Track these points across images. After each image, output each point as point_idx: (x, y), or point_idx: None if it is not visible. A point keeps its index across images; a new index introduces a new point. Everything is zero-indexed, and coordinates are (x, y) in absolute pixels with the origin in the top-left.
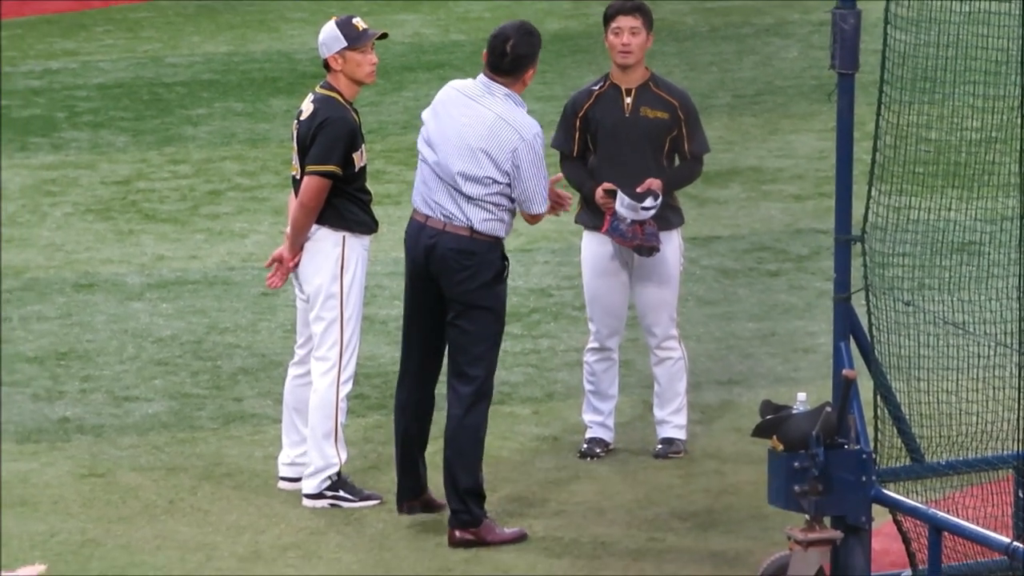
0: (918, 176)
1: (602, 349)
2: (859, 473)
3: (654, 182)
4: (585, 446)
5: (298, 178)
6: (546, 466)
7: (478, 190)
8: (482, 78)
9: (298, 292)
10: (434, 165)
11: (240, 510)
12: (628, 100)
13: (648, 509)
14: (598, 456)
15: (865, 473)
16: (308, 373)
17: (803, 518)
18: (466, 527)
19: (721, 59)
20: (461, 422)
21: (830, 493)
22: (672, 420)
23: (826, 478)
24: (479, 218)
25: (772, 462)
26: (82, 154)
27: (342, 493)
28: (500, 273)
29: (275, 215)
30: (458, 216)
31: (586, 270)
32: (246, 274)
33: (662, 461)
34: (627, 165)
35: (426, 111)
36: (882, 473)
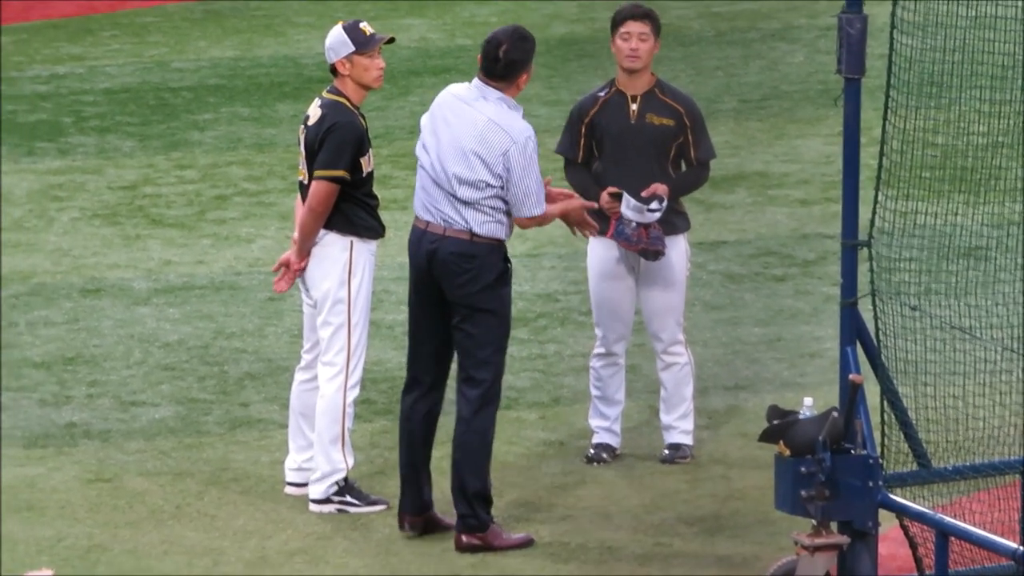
0: (925, 181)
1: (609, 354)
2: (866, 478)
3: (660, 187)
4: (592, 451)
5: (305, 183)
6: (553, 471)
7: (473, 194)
8: (476, 82)
9: (305, 297)
10: (431, 170)
11: (247, 515)
12: (634, 107)
13: (655, 514)
14: (605, 461)
15: (872, 478)
16: (315, 378)
17: (810, 523)
18: (473, 532)
19: (727, 64)
20: (469, 425)
21: (837, 498)
22: (679, 425)
23: (833, 483)
24: (478, 221)
25: (779, 467)
26: (89, 159)
27: (349, 498)
28: (502, 275)
29: (282, 220)
30: (457, 220)
31: (592, 275)
32: (253, 279)
33: (669, 466)
34: (632, 171)
35: (424, 116)
36: (889, 478)
